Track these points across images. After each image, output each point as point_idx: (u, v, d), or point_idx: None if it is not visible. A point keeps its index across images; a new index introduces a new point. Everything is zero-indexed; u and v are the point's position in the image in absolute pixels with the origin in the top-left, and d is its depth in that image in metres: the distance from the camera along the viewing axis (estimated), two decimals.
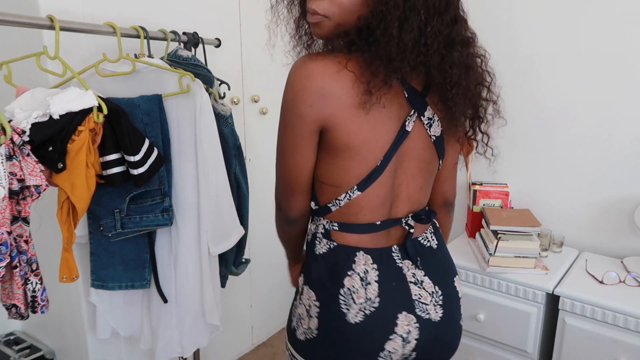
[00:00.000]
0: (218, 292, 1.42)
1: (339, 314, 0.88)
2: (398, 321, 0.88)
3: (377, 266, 0.89)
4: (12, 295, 1.02)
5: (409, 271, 0.91)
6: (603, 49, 1.72)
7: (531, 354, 1.66)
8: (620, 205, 1.78)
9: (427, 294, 0.91)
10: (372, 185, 0.88)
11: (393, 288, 0.89)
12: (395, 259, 0.91)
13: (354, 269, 0.89)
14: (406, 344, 0.89)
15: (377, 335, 0.88)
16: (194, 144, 1.28)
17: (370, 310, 0.88)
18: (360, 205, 0.89)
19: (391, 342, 0.88)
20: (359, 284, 0.88)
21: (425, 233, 0.96)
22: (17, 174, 0.95)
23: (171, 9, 1.61)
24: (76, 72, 1.15)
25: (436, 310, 0.91)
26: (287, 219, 0.97)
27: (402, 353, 0.90)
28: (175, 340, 1.41)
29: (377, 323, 0.88)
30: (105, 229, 1.29)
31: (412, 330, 0.89)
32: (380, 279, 0.89)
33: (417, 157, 0.91)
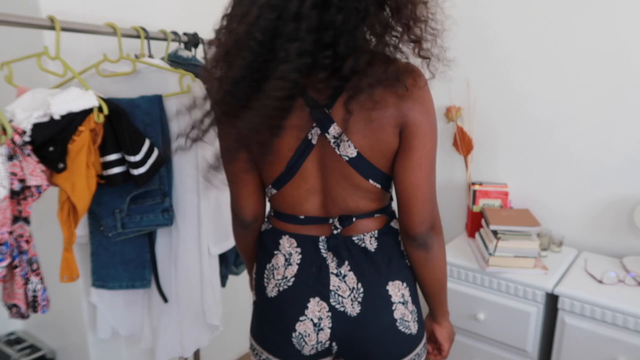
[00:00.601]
0: (218, 292, 1.42)
1: (262, 287, 0.98)
2: (309, 304, 0.92)
3: (300, 250, 0.94)
4: (13, 295, 1.03)
5: (332, 262, 0.93)
6: (603, 49, 1.72)
7: (531, 353, 1.66)
8: (619, 205, 1.79)
9: (347, 288, 0.92)
10: (285, 186, 0.93)
11: (311, 273, 0.93)
12: (321, 248, 0.94)
13: (279, 249, 0.96)
14: (319, 331, 0.92)
15: (288, 313, 0.93)
16: None
17: (283, 288, 0.94)
18: (281, 200, 0.96)
19: (301, 324, 0.92)
20: (282, 263, 0.95)
21: (363, 235, 0.94)
22: (18, 174, 0.95)
23: (171, 9, 1.61)
24: (77, 73, 1.15)
25: (353, 305, 0.92)
26: (242, 223, 1.03)
27: (316, 339, 0.93)
28: (175, 340, 1.41)
29: (287, 300, 0.94)
30: (106, 228, 1.29)
31: (323, 317, 0.92)
32: (301, 263, 0.94)
33: (336, 169, 0.89)
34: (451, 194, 2.18)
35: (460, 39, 2.02)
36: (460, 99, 2.07)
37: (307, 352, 0.94)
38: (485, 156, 2.06)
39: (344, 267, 0.93)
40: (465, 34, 2.02)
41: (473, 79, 2.03)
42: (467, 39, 2.02)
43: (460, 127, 2.05)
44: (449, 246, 1.91)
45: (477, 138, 2.05)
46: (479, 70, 2.01)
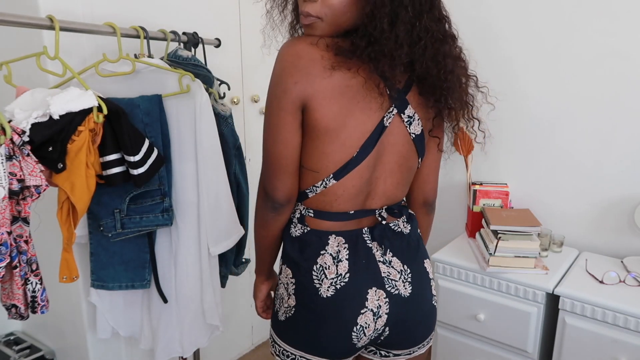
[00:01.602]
0: (218, 292, 1.42)
1: (312, 289, 0.94)
2: (368, 296, 0.94)
3: (348, 245, 0.95)
4: (12, 295, 1.02)
5: (377, 251, 0.97)
6: (603, 49, 1.72)
7: (531, 353, 1.66)
8: (620, 205, 1.78)
9: (396, 271, 0.97)
10: (348, 174, 0.92)
11: (363, 265, 0.95)
12: (366, 239, 0.97)
13: (326, 249, 0.95)
14: (377, 319, 0.95)
15: (349, 309, 0.93)
16: (193, 144, 1.28)
17: (341, 285, 0.93)
18: (335, 194, 0.94)
19: (363, 316, 0.94)
20: (331, 261, 0.94)
21: (397, 220, 1.01)
22: (17, 174, 0.95)
23: (171, 9, 1.61)
24: (76, 72, 1.15)
25: (405, 286, 0.97)
26: (273, 204, 0.97)
27: (374, 328, 0.95)
28: (175, 340, 1.41)
29: (348, 297, 0.93)
30: (106, 229, 1.29)
31: (382, 305, 0.95)
32: (350, 257, 0.95)
33: (397, 152, 0.95)
34: (451, 194, 2.17)
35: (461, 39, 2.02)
36: None
37: (361, 344, 0.97)
38: (486, 156, 2.06)
39: (388, 254, 0.98)
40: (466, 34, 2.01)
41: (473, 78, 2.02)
42: (468, 39, 2.01)
43: (461, 127, 2.04)
44: (449, 246, 1.91)
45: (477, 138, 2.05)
46: (479, 70, 2.00)
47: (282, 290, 1.01)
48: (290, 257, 0.99)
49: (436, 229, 2.24)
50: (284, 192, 0.95)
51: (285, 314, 0.99)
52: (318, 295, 0.94)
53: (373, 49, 0.84)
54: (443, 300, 1.82)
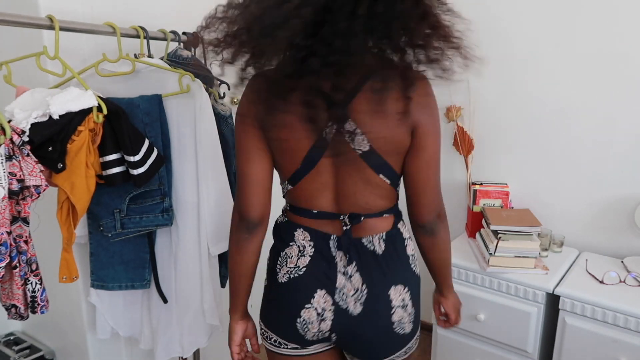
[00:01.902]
0: (218, 292, 1.42)
1: (274, 273, 1.04)
2: (316, 295, 0.98)
3: (313, 244, 0.99)
4: (12, 295, 1.02)
5: (341, 261, 0.98)
6: (602, 49, 1.72)
7: (531, 353, 1.66)
8: (620, 205, 1.78)
9: (352, 287, 0.98)
10: (301, 181, 0.96)
11: (322, 267, 0.98)
12: (331, 246, 0.98)
13: (294, 241, 1.00)
14: (321, 321, 0.98)
15: (295, 299, 0.99)
16: (194, 144, 1.28)
17: (294, 276, 1.00)
18: (296, 195, 1.00)
19: (306, 310, 0.98)
20: (296, 253, 1.00)
21: (371, 236, 0.98)
22: (17, 174, 0.95)
23: (171, 9, 1.61)
24: (76, 72, 1.15)
25: (355, 305, 0.98)
26: (247, 223, 1.01)
27: (318, 328, 0.99)
28: (175, 340, 1.41)
29: (296, 288, 0.99)
30: (105, 229, 1.28)
31: (327, 310, 0.98)
32: (313, 255, 0.99)
33: (349, 165, 0.93)
34: (451, 194, 2.17)
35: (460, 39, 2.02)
36: (460, 99, 2.07)
37: (310, 337, 1.01)
38: (486, 156, 2.06)
39: (351, 267, 0.97)
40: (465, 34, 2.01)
41: (473, 79, 2.03)
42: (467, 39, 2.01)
43: (461, 127, 2.05)
44: None
45: (477, 138, 2.05)
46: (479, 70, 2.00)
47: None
48: (273, 244, 1.08)
49: None
50: (256, 208, 1.00)
51: (263, 294, 1.10)
52: (276, 279, 1.03)
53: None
54: None
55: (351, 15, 0.76)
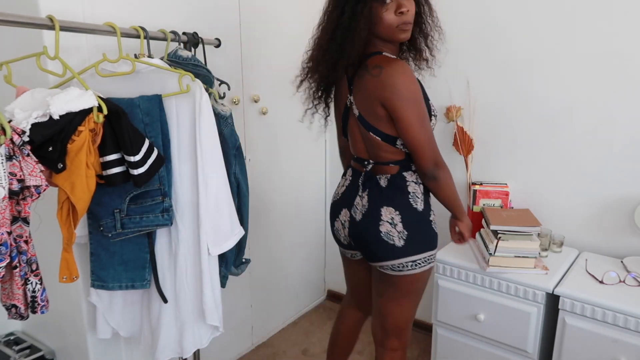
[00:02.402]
0: (218, 292, 1.42)
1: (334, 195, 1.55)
2: (342, 211, 1.46)
3: (351, 178, 1.47)
4: (12, 295, 1.02)
5: (360, 189, 1.41)
6: (602, 48, 1.72)
7: (531, 353, 1.66)
8: (620, 205, 1.78)
9: (361, 204, 1.39)
10: (345, 135, 1.50)
11: (349, 193, 1.45)
12: (359, 179, 1.42)
13: (345, 175, 1.52)
14: (344, 228, 1.46)
15: (332, 213, 1.52)
16: (194, 144, 1.28)
17: (335, 198, 1.52)
18: (349, 144, 1.49)
19: (336, 222, 1.50)
20: (342, 183, 1.51)
21: (381, 175, 1.38)
22: (17, 174, 0.95)
23: (171, 9, 1.61)
24: (76, 72, 1.15)
25: (359, 215, 1.40)
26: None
27: (344, 234, 1.47)
28: (175, 340, 1.41)
29: (333, 207, 1.52)
30: (105, 229, 1.28)
31: (346, 220, 1.45)
32: (347, 185, 1.47)
33: (355, 124, 1.40)
34: None
35: (461, 38, 2.02)
36: (460, 99, 2.07)
37: (342, 240, 1.51)
38: (486, 156, 2.06)
39: (365, 193, 1.39)
40: (466, 34, 2.01)
41: (473, 79, 2.03)
42: (468, 39, 2.01)
43: (461, 127, 2.05)
44: (449, 246, 1.91)
45: (477, 138, 2.05)
46: (479, 70, 2.01)
47: None
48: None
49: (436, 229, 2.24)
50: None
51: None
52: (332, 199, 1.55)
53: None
54: (443, 300, 1.82)
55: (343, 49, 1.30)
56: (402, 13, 1.23)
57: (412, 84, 1.25)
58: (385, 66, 1.24)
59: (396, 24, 1.24)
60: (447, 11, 2.03)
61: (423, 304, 2.44)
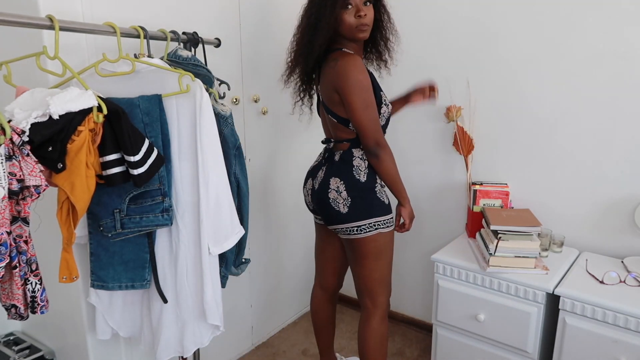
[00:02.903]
0: (219, 291, 1.42)
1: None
2: (308, 181, 1.73)
3: (321, 155, 1.73)
4: (12, 295, 1.02)
5: (324, 163, 1.67)
6: (604, 48, 1.72)
7: (531, 354, 1.66)
8: (620, 205, 1.78)
9: (320, 175, 1.65)
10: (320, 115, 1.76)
11: (316, 166, 1.70)
12: (324, 154, 1.70)
13: (320, 154, 1.75)
14: (308, 195, 1.73)
15: (304, 182, 1.75)
16: (194, 144, 1.28)
17: (308, 170, 1.75)
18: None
19: (304, 189, 1.75)
20: (315, 160, 1.75)
21: (337, 152, 1.62)
22: (17, 174, 0.95)
23: (171, 8, 1.61)
24: (76, 72, 1.15)
25: (316, 185, 1.65)
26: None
27: (309, 200, 1.74)
28: (175, 340, 1.41)
29: (306, 176, 1.75)
30: (105, 229, 1.28)
31: (310, 188, 1.70)
32: (318, 160, 1.73)
33: (322, 108, 1.66)
34: (451, 194, 2.17)
35: (461, 39, 2.02)
36: (460, 99, 2.07)
37: (309, 206, 1.77)
38: (486, 156, 2.06)
39: (325, 167, 1.65)
40: (466, 34, 2.01)
41: (473, 79, 2.03)
42: (467, 39, 2.01)
43: (461, 127, 2.05)
44: (449, 246, 1.91)
45: (477, 138, 2.05)
46: (479, 70, 2.01)
47: None
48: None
49: (436, 229, 2.25)
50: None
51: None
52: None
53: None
54: (443, 300, 1.82)
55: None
56: (360, 16, 1.48)
57: (360, 74, 1.47)
58: (340, 59, 1.49)
59: (355, 25, 1.49)
60: (447, 11, 2.04)
61: (423, 304, 2.44)
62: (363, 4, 1.49)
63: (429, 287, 2.36)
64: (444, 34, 2.07)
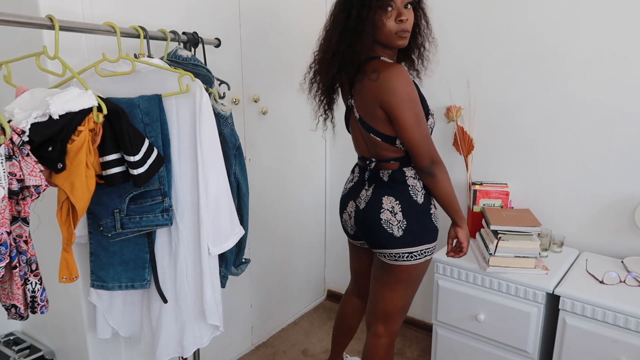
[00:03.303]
0: (218, 291, 1.42)
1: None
2: (349, 203, 1.57)
3: (357, 174, 1.57)
4: (12, 295, 1.02)
5: (366, 184, 1.50)
6: (603, 48, 1.72)
7: (531, 354, 1.66)
8: (620, 205, 1.78)
9: (365, 195, 1.49)
10: (351, 133, 1.58)
11: (356, 187, 1.55)
12: (365, 175, 1.51)
13: (352, 172, 1.61)
14: (350, 219, 1.56)
15: (341, 206, 1.62)
16: (193, 144, 1.28)
17: (343, 193, 1.62)
18: (353, 144, 1.60)
19: (344, 214, 1.60)
20: (349, 179, 1.62)
21: (383, 171, 1.46)
22: (17, 174, 0.95)
23: (171, 8, 1.61)
24: (76, 72, 1.15)
25: (362, 204, 1.49)
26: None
27: (351, 225, 1.58)
28: (175, 340, 1.41)
29: (342, 200, 1.62)
30: (105, 229, 1.28)
31: (352, 210, 1.54)
32: (354, 181, 1.58)
33: (356, 125, 1.49)
34: None
35: (461, 39, 2.02)
36: (460, 99, 2.07)
37: (350, 231, 1.62)
38: (486, 156, 2.06)
39: (371, 187, 1.48)
40: (466, 34, 2.01)
41: (473, 79, 2.03)
42: (467, 39, 2.01)
43: (461, 127, 2.05)
44: None
45: (477, 138, 2.05)
46: (479, 70, 2.01)
47: None
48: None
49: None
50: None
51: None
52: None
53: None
54: (443, 300, 1.82)
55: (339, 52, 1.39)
56: (401, 21, 1.31)
57: (408, 86, 1.32)
58: (382, 70, 1.32)
59: (395, 31, 1.32)
60: (447, 11, 2.03)
61: (423, 304, 2.44)
62: (404, 7, 1.32)
63: (428, 287, 2.36)
64: (444, 34, 2.07)
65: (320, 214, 2.65)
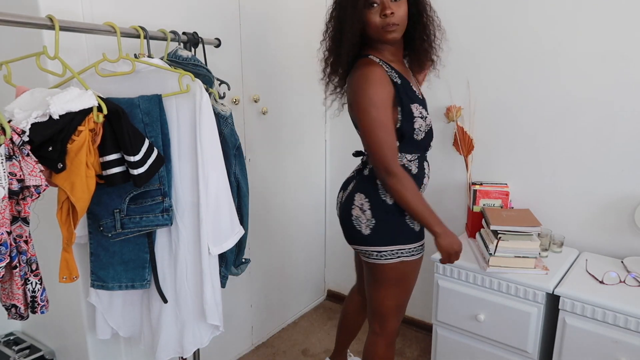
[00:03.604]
0: (218, 291, 1.42)
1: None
2: (339, 193, 1.58)
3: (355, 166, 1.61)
4: (12, 295, 1.02)
5: (355, 176, 1.53)
6: (604, 48, 1.72)
7: (531, 354, 1.66)
8: (620, 205, 1.78)
9: (348, 190, 1.52)
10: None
11: (349, 178, 1.57)
12: (358, 166, 1.57)
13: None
14: (337, 208, 1.59)
15: (337, 195, 1.62)
16: (194, 144, 1.28)
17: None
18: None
19: (336, 201, 1.61)
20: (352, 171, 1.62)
21: (369, 166, 1.46)
22: (17, 174, 0.95)
23: (171, 9, 1.61)
24: (76, 72, 1.15)
25: (343, 198, 1.53)
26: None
27: (337, 213, 1.57)
28: (175, 340, 1.41)
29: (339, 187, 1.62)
30: (105, 229, 1.28)
31: (339, 201, 1.57)
32: (349, 176, 1.59)
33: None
34: (451, 194, 2.17)
35: (461, 39, 2.02)
36: (460, 99, 2.07)
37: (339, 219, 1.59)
38: (486, 156, 2.06)
39: (354, 180, 1.52)
40: (466, 34, 2.01)
41: (473, 79, 2.03)
42: (467, 39, 2.01)
43: (461, 127, 2.05)
44: None
45: (477, 138, 2.05)
46: (479, 70, 2.01)
47: None
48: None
49: None
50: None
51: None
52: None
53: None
54: (443, 300, 1.82)
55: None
56: (385, 15, 1.31)
57: (370, 88, 1.29)
58: (353, 71, 1.35)
59: (381, 26, 1.32)
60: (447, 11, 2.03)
61: (423, 304, 2.44)
62: (391, 1, 1.31)
63: (428, 287, 2.36)
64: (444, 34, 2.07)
65: (320, 213, 2.65)
